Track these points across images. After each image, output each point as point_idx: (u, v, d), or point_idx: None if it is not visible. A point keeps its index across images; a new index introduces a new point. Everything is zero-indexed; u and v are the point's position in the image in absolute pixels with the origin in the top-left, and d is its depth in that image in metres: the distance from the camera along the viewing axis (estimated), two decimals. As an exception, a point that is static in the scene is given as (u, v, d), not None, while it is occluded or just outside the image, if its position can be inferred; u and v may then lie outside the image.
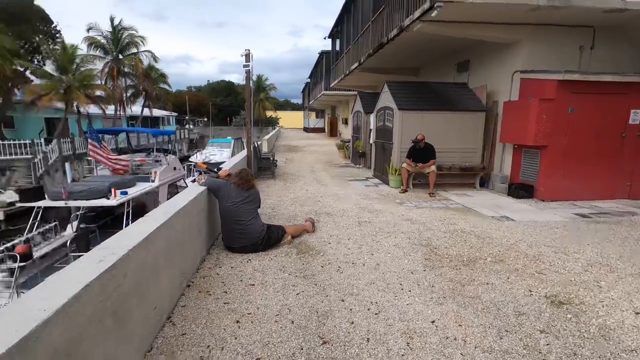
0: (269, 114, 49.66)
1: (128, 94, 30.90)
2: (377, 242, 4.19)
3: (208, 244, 3.78)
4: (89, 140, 12.39)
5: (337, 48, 17.11)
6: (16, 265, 7.83)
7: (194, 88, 71.71)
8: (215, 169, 4.35)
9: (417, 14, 6.63)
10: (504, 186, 7.21)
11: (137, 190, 10.93)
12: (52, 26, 29.07)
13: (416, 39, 8.03)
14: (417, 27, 6.90)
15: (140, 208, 12.03)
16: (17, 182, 19.33)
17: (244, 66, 7.15)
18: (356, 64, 12.07)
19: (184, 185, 14.70)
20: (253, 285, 3.05)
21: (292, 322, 2.50)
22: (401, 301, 2.83)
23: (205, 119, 61.60)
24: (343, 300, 2.82)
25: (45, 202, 9.80)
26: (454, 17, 6.60)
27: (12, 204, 15.60)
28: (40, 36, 24.77)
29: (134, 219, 10.43)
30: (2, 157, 19.15)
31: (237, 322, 2.49)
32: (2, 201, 15.94)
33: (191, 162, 22.00)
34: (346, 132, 24.14)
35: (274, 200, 6.22)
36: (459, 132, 7.68)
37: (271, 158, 9.62)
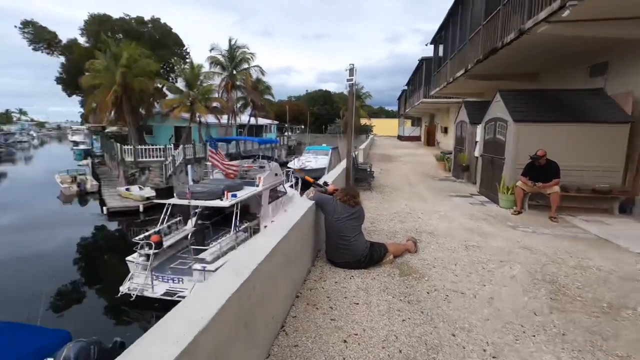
0: (363, 121, 50.04)
1: (238, 105, 34.58)
2: (488, 272, 3.82)
3: (313, 256, 3.95)
4: (208, 147, 14.23)
5: (440, 54, 16.33)
6: (151, 251, 9.40)
7: (293, 97, 76.55)
8: (322, 183, 4.55)
9: (542, 14, 5.92)
10: (654, 215, 5.88)
11: (245, 193, 12.11)
12: (184, 49, 34.37)
13: (538, 41, 7.16)
14: (541, 29, 6.16)
15: (244, 209, 13.31)
16: (152, 180, 23.25)
17: (348, 80, 7.31)
18: (462, 71, 11.33)
19: (283, 190, 15.76)
20: (357, 304, 3.07)
21: (400, 352, 2.42)
22: (524, 347, 2.51)
23: (303, 127, 65.12)
24: (454, 335, 2.63)
25: (174, 200, 11.54)
26: (591, 15, 5.70)
27: (149, 198, 18.82)
28: (175, 58, 29.30)
29: (240, 218, 11.49)
30: (143, 159, 23.31)
31: (345, 341, 2.52)
32: (142, 196, 19.35)
33: (289, 168, 23.46)
34: (445, 141, 22.81)
35: (372, 214, 6.20)
36: (592, 147, 6.55)
37: (368, 169, 9.63)
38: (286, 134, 51.12)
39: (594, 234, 5.26)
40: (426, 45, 17.79)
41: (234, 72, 31.02)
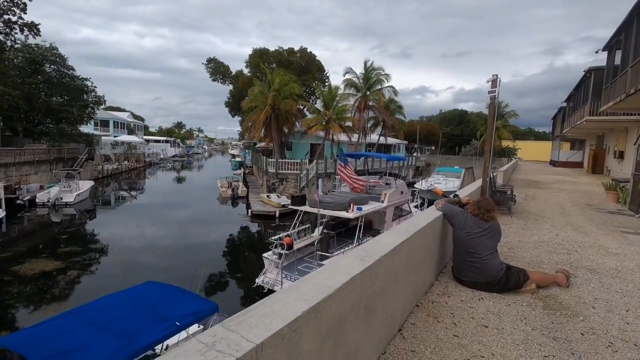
0: (506, 143, 44.53)
1: (369, 124, 35.63)
2: (682, 328, 2.88)
3: (437, 270, 3.73)
4: (338, 161, 15.08)
5: (617, 62, 13.42)
6: (283, 252, 10.43)
7: (425, 118, 74.36)
8: (452, 195, 4.25)
9: None
10: None
11: (369, 208, 12.31)
12: (324, 73, 37.69)
13: None
14: None
15: (368, 223, 13.48)
16: (288, 190, 25.93)
17: (489, 92, 6.74)
18: (649, 79, 9.04)
19: (408, 209, 15.33)
20: (487, 327, 2.74)
21: (539, 388, 2.06)
22: None
23: (433, 147, 62.32)
24: (620, 390, 2.08)
25: (305, 208, 12.58)
26: None
27: (284, 205, 21.04)
28: (316, 82, 32.29)
29: (363, 232, 11.67)
30: (282, 171, 26.36)
31: (469, 360, 2.29)
32: (279, 203, 21.77)
33: (415, 188, 22.75)
34: (619, 168, 18.32)
35: (511, 240, 5.44)
36: None
37: (508, 192, 8.54)
38: (415, 154, 49.84)
39: None
40: (596, 52, 14.89)
41: (368, 92, 32.23)
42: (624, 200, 9.63)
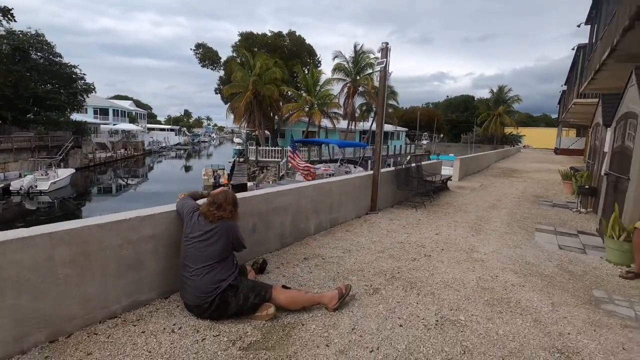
0: (509, 130, 42.16)
1: (362, 110, 34.26)
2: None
3: (164, 287, 2.80)
4: (289, 148, 14.20)
5: (595, 38, 11.87)
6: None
7: (431, 104, 71.83)
8: (213, 187, 3.29)
9: None
10: None
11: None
12: (316, 58, 36.34)
13: None
14: None
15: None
16: (268, 178, 25.26)
17: (378, 63, 5.72)
18: (608, 51, 7.71)
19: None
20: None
21: None
22: None
23: (442, 135, 60.28)
24: None
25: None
26: None
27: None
28: (299, 66, 30.87)
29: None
30: (263, 159, 25.70)
31: None
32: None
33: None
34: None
35: (364, 241, 4.49)
36: None
37: (435, 179, 7.50)
38: (416, 141, 48.18)
39: None
40: (578, 26, 13.28)
41: (358, 77, 30.83)
42: (577, 191, 8.41)
